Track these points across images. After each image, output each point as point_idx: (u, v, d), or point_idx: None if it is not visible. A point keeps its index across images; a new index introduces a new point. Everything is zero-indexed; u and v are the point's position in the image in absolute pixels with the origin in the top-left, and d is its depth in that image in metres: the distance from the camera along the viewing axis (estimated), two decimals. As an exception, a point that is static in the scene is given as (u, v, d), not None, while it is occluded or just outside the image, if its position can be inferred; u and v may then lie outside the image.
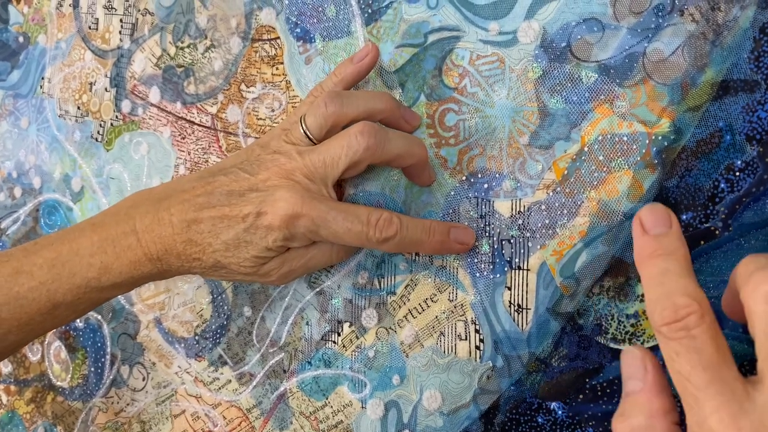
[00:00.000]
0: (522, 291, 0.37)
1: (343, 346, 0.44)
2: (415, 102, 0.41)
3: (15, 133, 0.64)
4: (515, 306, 0.38)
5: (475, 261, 0.39)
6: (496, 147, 0.38)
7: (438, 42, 0.40)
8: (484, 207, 0.39)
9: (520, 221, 0.37)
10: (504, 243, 0.38)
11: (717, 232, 0.33)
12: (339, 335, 0.44)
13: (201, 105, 0.51)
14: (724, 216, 0.32)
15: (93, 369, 0.57)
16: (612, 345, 0.35)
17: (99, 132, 0.57)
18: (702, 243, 0.33)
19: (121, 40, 0.56)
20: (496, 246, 0.38)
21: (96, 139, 0.57)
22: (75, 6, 0.59)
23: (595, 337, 0.36)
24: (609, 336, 0.35)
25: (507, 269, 0.38)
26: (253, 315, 0.48)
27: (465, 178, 0.39)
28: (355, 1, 0.43)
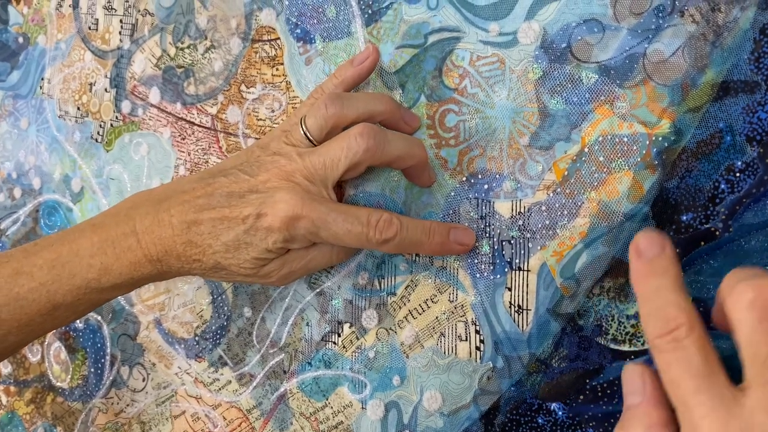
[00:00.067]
0: (522, 292, 0.37)
1: (344, 346, 0.44)
2: (416, 103, 0.41)
3: (15, 134, 0.64)
4: (515, 307, 0.38)
5: (476, 262, 0.39)
6: (496, 148, 0.38)
7: (438, 43, 0.40)
8: (484, 208, 0.39)
9: (520, 222, 0.37)
10: (504, 244, 0.38)
11: (717, 233, 0.33)
12: (339, 336, 0.44)
13: (201, 106, 0.51)
14: (724, 217, 0.32)
15: (93, 370, 0.57)
16: (612, 346, 0.35)
17: (99, 132, 0.57)
18: (702, 244, 0.33)
19: (121, 40, 0.56)
20: (496, 247, 0.38)
21: (96, 140, 0.57)
22: (75, 6, 0.59)
23: (596, 338, 0.36)
24: (609, 337, 0.35)
25: (507, 270, 0.38)
26: (254, 316, 0.48)
27: (465, 178, 0.39)
28: (356, 2, 0.43)
